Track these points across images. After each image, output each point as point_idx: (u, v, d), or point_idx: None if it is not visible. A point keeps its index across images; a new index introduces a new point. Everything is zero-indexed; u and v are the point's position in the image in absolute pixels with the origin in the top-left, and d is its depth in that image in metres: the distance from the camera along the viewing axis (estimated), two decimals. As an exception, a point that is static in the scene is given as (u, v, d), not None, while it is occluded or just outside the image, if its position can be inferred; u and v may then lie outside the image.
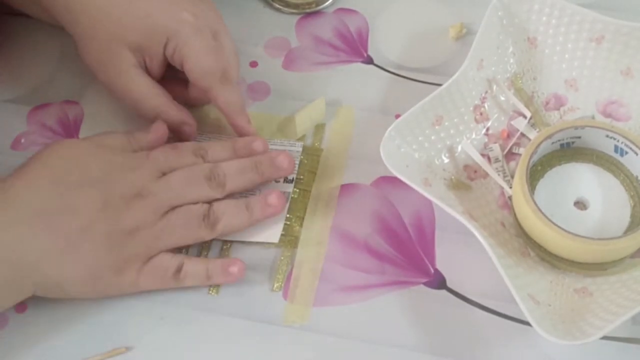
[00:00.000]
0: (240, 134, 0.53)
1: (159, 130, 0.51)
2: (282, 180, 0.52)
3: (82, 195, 0.45)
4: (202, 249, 0.50)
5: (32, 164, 0.47)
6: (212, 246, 0.50)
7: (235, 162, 0.50)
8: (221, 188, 0.49)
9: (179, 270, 0.47)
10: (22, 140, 0.56)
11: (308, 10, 0.63)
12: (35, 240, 0.44)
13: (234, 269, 0.47)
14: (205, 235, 0.48)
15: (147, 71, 0.52)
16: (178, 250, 0.49)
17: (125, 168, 0.48)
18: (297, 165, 0.53)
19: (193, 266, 0.47)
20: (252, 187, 0.51)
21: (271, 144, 0.54)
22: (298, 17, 0.63)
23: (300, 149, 0.54)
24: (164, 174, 0.48)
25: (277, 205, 0.49)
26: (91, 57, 0.52)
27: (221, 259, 0.49)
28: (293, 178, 0.53)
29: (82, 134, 0.57)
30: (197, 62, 0.50)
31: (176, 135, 0.53)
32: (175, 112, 0.52)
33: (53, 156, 0.47)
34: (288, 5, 0.63)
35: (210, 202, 0.48)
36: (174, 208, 0.48)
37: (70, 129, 0.57)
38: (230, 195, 0.50)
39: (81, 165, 0.47)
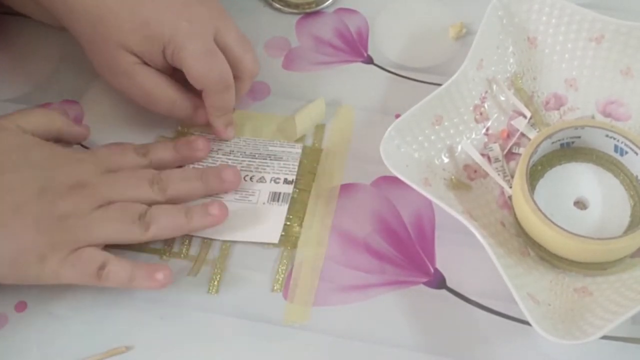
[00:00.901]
0: (218, 134, 0.54)
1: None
2: (281, 181, 0.53)
3: (20, 177, 0.46)
4: (201, 248, 0.50)
5: None
6: (212, 245, 0.51)
7: (181, 170, 0.51)
8: (162, 192, 0.49)
9: (102, 267, 0.46)
10: (22, 140, 0.56)
11: (308, 10, 0.63)
12: None
13: (160, 275, 0.46)
14: (138, 234, 0.47)
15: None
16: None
17: (70, 159, 0.48)
18: (296, 166, 0.53)
19: (117, 266, 0.46)
20: (196, 196, 0.51)
21: (270, 145, 0.54)
22: (298, 17, 0.63)
23: (300, 151, 0.54)
24: (108, 171, 0.49)
25: (218, 215, 0.49)
26: (98, 63, 0.53)
27: (148, 263, 0.48)
28: (293, 179, 0.53)
29: (82, 134, 0.57)
30: (192, 67, 0.50)
31: (190, 122, 0.55)
32: (189, 98, 0.53)
33: None
34: (288, 5, 0.63)
35: (150, 205, 0.48)
36: (110, 203, 0.47)
37: (70, 129, 0.57)
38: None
39: (22, 152, 0.47)
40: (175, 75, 0.53)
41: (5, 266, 0.45)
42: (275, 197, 0.52)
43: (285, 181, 0.53)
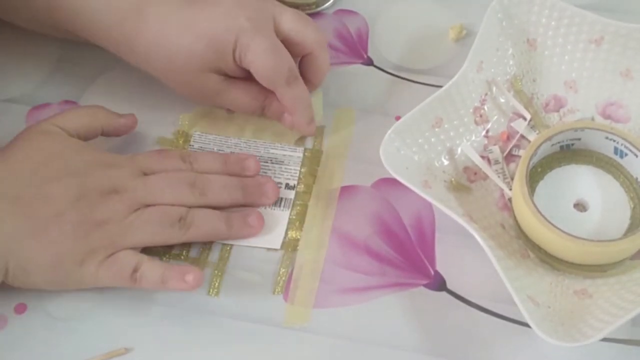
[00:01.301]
0: (301, 130, 0.54)
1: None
2: (283, 186, 0.53)
3: (58, 185, 0.46)
4: (202, 250, 0.50)
5: (14, 149, 0.48)
6: (213, 247, 0.51)
7: (223, 177, 0.50)
8: (202, 196, 0.49)
9: (136, 269, 0.46)
10: (22, 141, 0.56)
11: (308, 12, 0.63)
12: (6, 223, 0.45)
13: (190, 277, 0.46)
14: (176, 236, 0.48)
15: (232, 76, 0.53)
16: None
17: (106, 164, 0.48)
18: (298, 171, 0.53)
19: (150, 267, 0.47)
20: (233, 205, 0.50)
21: (272, 148, 0.54)
22: (298, 18, 0.63)
23: (301, 155, 0.54)
24: (145, 175, 0.49)
25: (257, 227, 0.50)
26: (182, 90, 0.54)
27: (180, 265, 0.49)
28: (295, 184, 0.53)
29: (81, 135, 0.57)
30: (260, 66, 0.51)
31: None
32: (274, 105, 0.54)
33: (34, 147, 0.48)
34: (288, 6, 0.63)
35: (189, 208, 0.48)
36: (149, 206, 0.47)
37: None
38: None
39: (62, 159, 0.48)
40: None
41: (47, 272, 0.46)
42: (277, 202, 0.52)
43: (287, 186, 0.53)
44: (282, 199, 0.52)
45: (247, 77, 0.53)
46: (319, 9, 0.63)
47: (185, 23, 0.51)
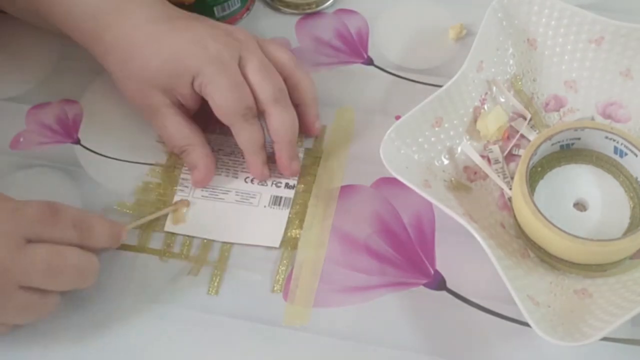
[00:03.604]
0: (252, 173, 0.53)
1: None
2: (282, 185, 0.53)
3: None
4: (201, 249, 0.50)
5: None
6: (212, 246, 0.51)
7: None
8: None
9: None
10: (21, 140, 0.56)
11: (308, 11, 0.63)
12: None
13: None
14: None
15: (183, 106, 0.53)
16: None
17: None
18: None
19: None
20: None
21: (272, 148, 0.54)
22: (298, 17, 0.63)
23: (302, 155, 0.54)
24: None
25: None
26: (128, 96, 0.53)
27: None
28: (294, 184, 0.53)
29: (81, 133, 0.57)
30: (220, 100, 0.50)
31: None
32: (194, 155, 0.53)
33: None
34: (288, 5, 0.63)
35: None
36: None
37: (69, 128, 0.57)
38: None
39: None
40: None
41: None
42: (276, 201, 0.52)
43: (287, 185, 0.53)
44: (281, 197, 0.52)
45: (191, 108, 0.53)
46: (318, 8, 0.63)
47: (155, 36, 0.51)
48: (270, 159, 0.53)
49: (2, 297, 0.43)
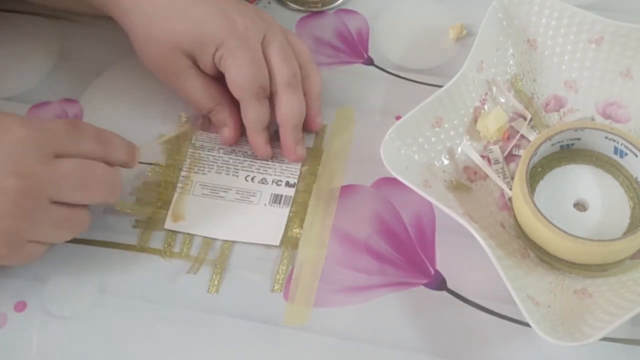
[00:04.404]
0: (255, 152, 0.53)
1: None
2: (283, 184, 0.53)
3: None
4: (202, 248, 0.50)
5: None
6: (213, 245, 0.51)
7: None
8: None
9: None
10: (22, 140, 0.56)
11: (314, 9, 0.63)
12: None
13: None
14: None
15: (203, 70, 0.53)
16: None
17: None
18: (298, 169, 0.53)
19: None
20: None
21: (272, 146, 0.54)
22: (298, 17, 0.63)
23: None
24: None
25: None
26: (149, 60, 0.53)
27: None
28: (295, 182, 0.53)
29: (81, 134, 0.57)
30: (236, 75, 0.51)
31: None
32: (223, 114, 0.54)
33: None
34: (295, 1, 0.63)
35: None
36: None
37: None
38: None
39: None
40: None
41: None
42: (277, 199, 0.52)
43: (287, 184, 0.53)
44: (281, 196, 0.52)
45: (213, 75, 0.53)
46: (324, 7, 0.63)
47: (182, 0, 0.51)
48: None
49: (36, 212, 0.43)
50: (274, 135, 0.54)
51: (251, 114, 0.52)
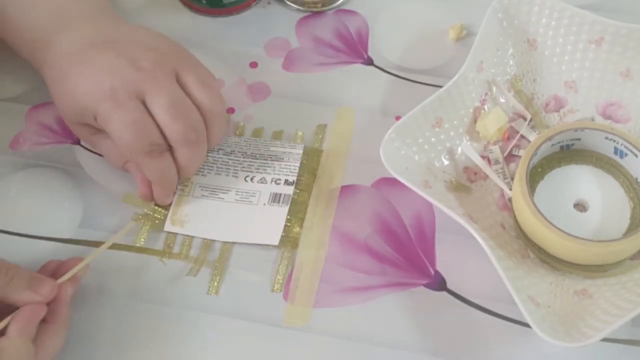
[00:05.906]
0: (156, 200, 0.52)
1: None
2: (282, 182, 0.53)
3: None
4: (201, 249, 0.50)
5: None
6: (212, 246, 0.51)
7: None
8: None
9: None
10: (21, 140, 0.56)
11: (314, 9, 0.63)
12: None
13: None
14: None
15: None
16: None
17: None
18: (297, 167, 0.53)
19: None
20: None
21: (272, 146, 0.54)
22: (299, 17, 0.63)
23: (301, 152, 0.54)
24: None
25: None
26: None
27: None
28: (294, 180, 0.53)
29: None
30: (118, 139, 0.48)
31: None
32: (131, 171, 0.52)
33: None
34: (295, 1, 0.63)
35: None
36: None
37: (68, 129, 0.57)
38: None
39: None
40: None
41: None
42: (276, 198, 0.52)
43: (286, 182, 0.53)
44: (280, 194, 0.52)
45: None
46: (324, 8, 0.63)
47: (66, 71, 0.49)
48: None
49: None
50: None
51: (148, 172, 0.49)
